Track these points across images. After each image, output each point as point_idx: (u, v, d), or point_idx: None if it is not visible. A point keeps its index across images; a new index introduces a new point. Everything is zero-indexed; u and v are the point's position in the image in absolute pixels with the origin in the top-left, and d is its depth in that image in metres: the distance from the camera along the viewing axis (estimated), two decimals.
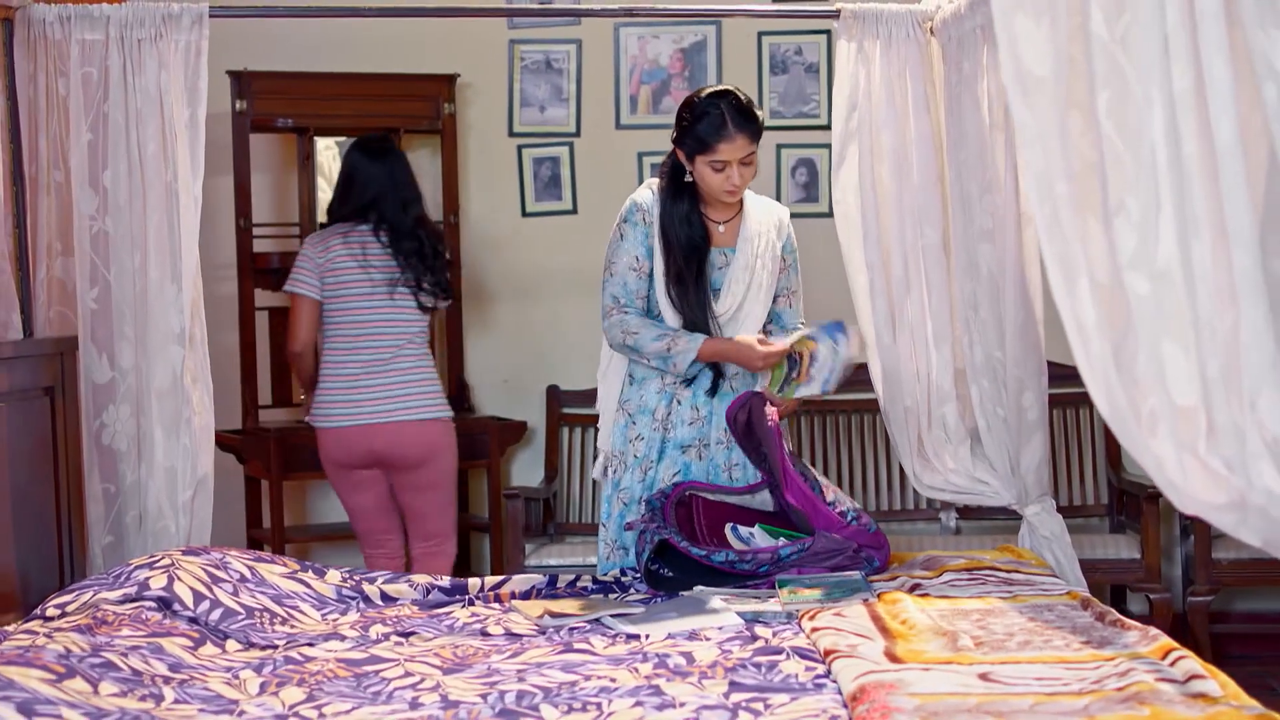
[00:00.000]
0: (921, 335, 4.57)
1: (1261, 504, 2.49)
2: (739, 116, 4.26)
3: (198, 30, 4.44)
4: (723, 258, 4.45)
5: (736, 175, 4.30)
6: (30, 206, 4.46)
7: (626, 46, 6.65)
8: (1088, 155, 2.64)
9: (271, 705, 3.14)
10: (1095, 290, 2.65)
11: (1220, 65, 2.46)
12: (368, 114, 6.38)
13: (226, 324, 6.38)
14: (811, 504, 4.22)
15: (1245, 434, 2.50)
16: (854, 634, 3.50)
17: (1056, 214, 2.65)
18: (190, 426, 4.51)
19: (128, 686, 3.15)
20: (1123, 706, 2.76)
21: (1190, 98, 2.51)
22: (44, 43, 4.42)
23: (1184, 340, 2.57)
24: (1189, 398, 2.58)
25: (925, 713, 2.78)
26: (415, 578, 4.35)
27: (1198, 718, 2.68)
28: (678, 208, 4.41)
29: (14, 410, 4.08)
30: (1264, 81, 2.41)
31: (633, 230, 4.42)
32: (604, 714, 3.02)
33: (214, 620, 3.81)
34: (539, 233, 6.71)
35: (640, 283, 4.42)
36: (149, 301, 4.46)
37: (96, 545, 4.52)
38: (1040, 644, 3.35)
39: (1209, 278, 2.54)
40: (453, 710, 3.06)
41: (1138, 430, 2.65)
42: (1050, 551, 4.43)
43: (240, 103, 6.17)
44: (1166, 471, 2.62)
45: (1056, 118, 2.64)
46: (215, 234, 6.42)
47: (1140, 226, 2.57)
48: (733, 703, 3.04)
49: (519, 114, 6.68)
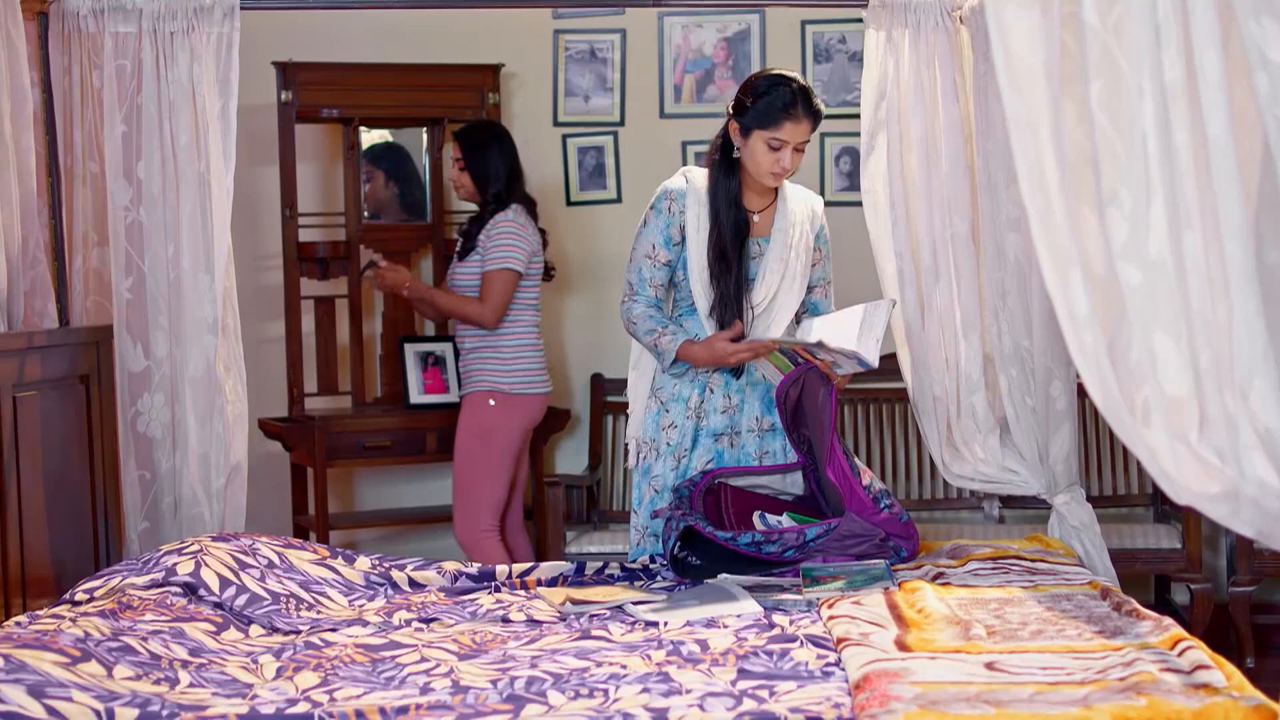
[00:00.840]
0: (950, 324, 4.56)
1: (1254, 495, 2.48)
2: (807, 100, 4.29)
3: (229, 23, 4.49)
4: (756, 247, 4.46)
5: (788, 158, 4.31)
6: (66, 198, 4.53)
7: (670, 36, 6.65)
8: (1081, 145, 2.63)
9: (285, 689, 3.19)
10: (1087, 281, 2.65)
11: (1212, 55, 2.45)
12: (412, 104, 6.43)
13: (273, 312, 6.45)
14: (849, 485, 4.23)
15: (1237, 425, 2.49)
16: (868, 622, 3.51)
17: (1049, 204, 2.64)
18: (223, 414, 4.58)
19: (144, 670, 3.21)
20: (1121, 696, 2.76)
21: (1182, 88, 2.50)
22: (78, 36, 4.49)
23: (1175, 331, 2.56)
24: (1181, 388, 2.58)
25: (924, 701, 2.79)
26: (445, 565, 4.39)
27: (1194, 708, 2.68)
28: (729, 184, 4.41)
29: (47, 398, 4.14)
30: (1256, 71, 2.40)
31: (656, 218, 4.44)
32: (609, 700, 3.05)
33: (239, 605, 3.86)
34: (584, 222, 6.74)
35: (655, 271, 4.44)
36: (182, 291, 4.52)
37: (133, 531, 4.59)
38: (1053, 634, 3.35)
39: (1201, 268, 2.53)
40: (461, 695, 3.10)
41: (1131, 421, 2.65)
42: (1079, 541, 4.42)
43: (286, 93, 6.22)
44: (1160, 462, 2.62)
45: (1048, 107, 2.64)
46: (261, 223, 6.51)
47: (1132, 217, 2.56)
48: (739, 690, 3.07)
49: (563, 103, 6.70)
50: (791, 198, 4.52)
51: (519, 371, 5.69)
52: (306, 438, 6.10)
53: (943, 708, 2.74)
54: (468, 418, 5.71)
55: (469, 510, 5.73)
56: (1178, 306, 2.55)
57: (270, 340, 6.49)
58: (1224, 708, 2.66)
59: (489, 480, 5.67)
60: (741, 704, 2.96)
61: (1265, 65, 2.39)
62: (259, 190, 6.51)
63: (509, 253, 5.62)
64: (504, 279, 5.63)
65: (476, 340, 5.73)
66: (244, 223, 6.51)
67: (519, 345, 5.72)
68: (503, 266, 5.63)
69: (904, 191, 4.56)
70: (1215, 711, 2.65)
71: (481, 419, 5.67)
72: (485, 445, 5.67)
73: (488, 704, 3.03)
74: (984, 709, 2.73)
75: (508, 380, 5.67)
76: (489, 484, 5.67)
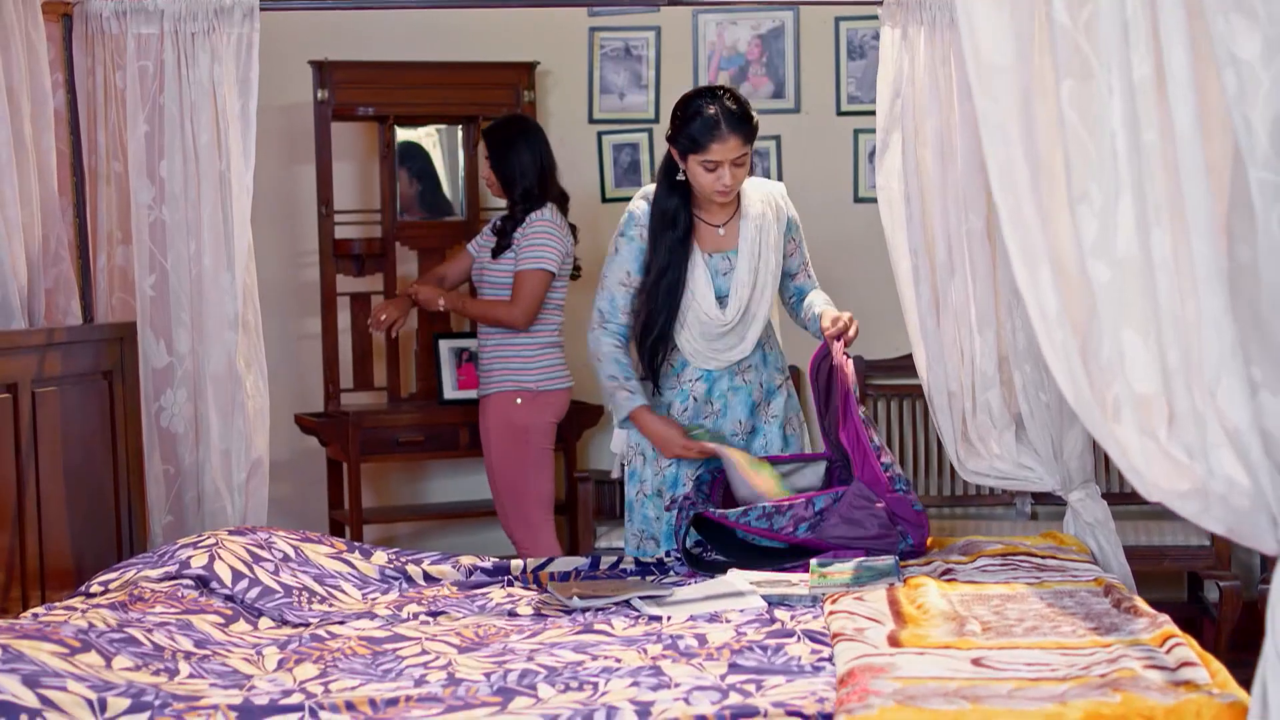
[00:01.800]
0: (965, 321, 4.56)
1: (1222, 492, 2.48)
2: (732, 117, 4.30)
3: (249, 23, 4.56)
4: (726, 263, 4.50)
5: (728, 175, 4.34)
6: (90, 197, 4.61)
7: (705, 33, 6.68)
8: (1052, 143, 2.64)
9: (282, 681, 3.24)
10: (1057, 278, 2.65)
11: (1180, 53, 2.45)
12: (447, 102, 6.48)
13: (309, 309, 6.53)
14: (862, 450, 4.25)
15: (1206, 422, 2.49)
16: (866, 618, 3.53)
17: (1019, 203, 2.65)
18: (244, 410, 4.64)
19: (144, 661, 3.26)
20: (1097, 693, 2.76)
21: (1150, 85, 2.50)
22: (101, 37, 4.56)
23: (1144, 328, 2.56)
24: (1149, 386, 2.58)
25: (902, 696, 2.81)
26: (463, 559, 4.43)
27: (1168, 704, 2.68)
28: (669, 202, 4.47)
29: (69, 394, 4.22)
30: (1224, 69, 2.39)
31: (628, 245, 4.51)
32: (598, 693, 3.08)
33: (251, 598, 3.91)
34: (618, 218, 6.71)
35: (629, 297, 4.51)
36: (204, 288, 4.59)
37: (157, 525, 4.66)
38: (1047, 630, 3.36)
39: (1170, 266, 2.53)
40: (453, 688, 3.14)
41: (1102, 418, 2.65)
42: (1093, 537, 4.41)
43: (322, 92, 6.28)
44: (1130, 458, 2.62)
45: (1017, 106, 2.64)
46: (300, 221, 6.58)
47: (1102, 215, 2.56)
48: (727, 684, 3.09)
49: (599, 101, 6.74)
50: (752, 200, 4.54)
51: (543, 369, 5.68)
52: (341, 433, 6.16)
53: (920, 703, 2.76)
54: (497, 418, 5.68)
55: (518, 509, 5.70)
56: (1146, 304, 2.55)
57: (309, 336, 6.56)
58: (1197, 704, 2.66)
59: (533, 477, 5.66)
60: (727, 698, 2.98)
61: (1234, 63, 2.38)
62: (298, 188, 6.59)
63: (544, 253, 5.60)
64: (538, 279, 5.60)
65: (500, 338, 5.68)
66: (283, 220, 6.62)
67: (543, 345, 5.69)
68: (537, 267, 5.59)
69: (919, 188, 4.55)
70: (1188, 708, 2.65)
71: (511, 418, 5.64)
72: (520, 444, 5.65)
73: (477, 696, 3.07)
74: (960, 704, 2.74)
75: (533, 378, 5.65)
76: (533, 481, 5.66)
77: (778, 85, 6.66)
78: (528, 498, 5.66)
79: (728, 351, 4.54)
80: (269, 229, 6.62)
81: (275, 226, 6.63)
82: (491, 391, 5.69)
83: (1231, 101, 2.39)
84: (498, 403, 5.67)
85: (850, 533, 4.22)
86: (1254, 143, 2.36)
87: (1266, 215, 2.36)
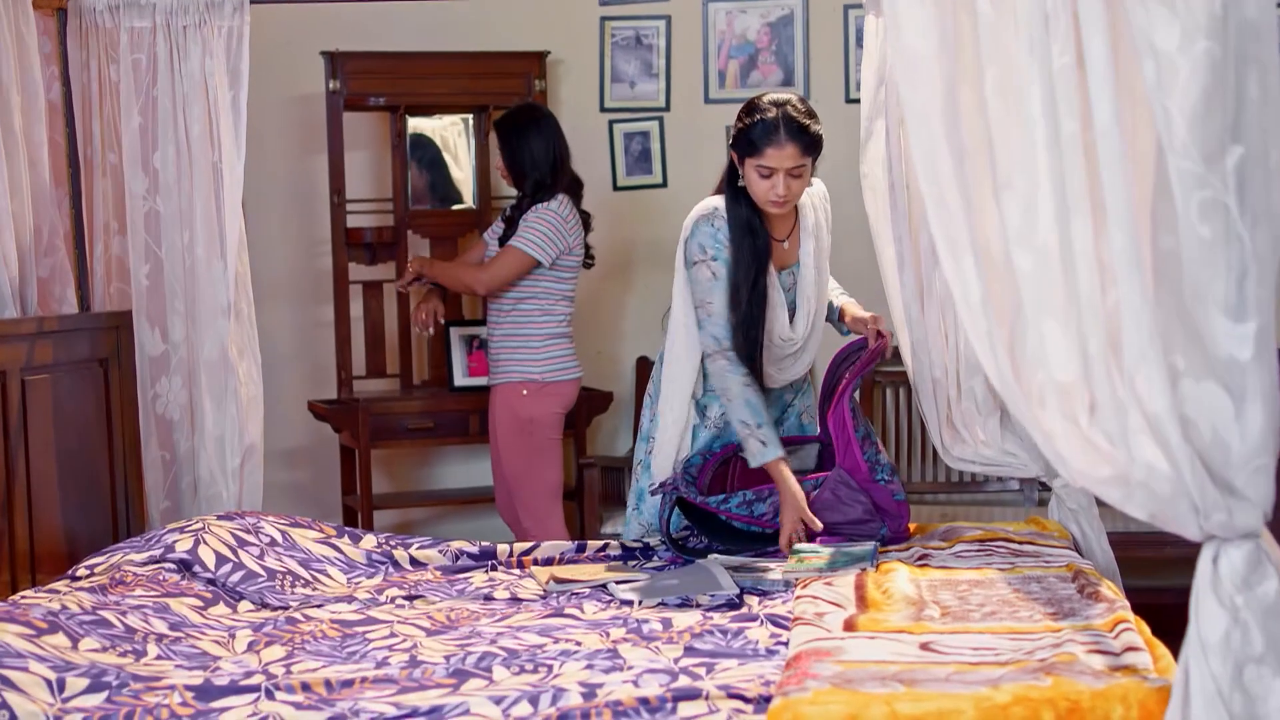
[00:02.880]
0: (950, 307, 4.56)
1: (1143, 478, 2.50)
2: (793, 125, 4.20)
3: (239, 16, 4.64)
4: (790, 277, 4.45)
5: (782, 185, 4.22)
6: (86, 187, 4.70)
7: (715, 21, 6.71)
8: (978, 133, 2.66)
9: (247, 662, 3.31)
10: (980, 267, 2.67)
11: (1098, 42, 2.46)
12: (459, 92, 6.52)
13: (322, 297, 6.60)
14: (846, 437, 4.27)
15: (1126, 409, 2.51)
16: (829, 602, 3.56)
17: (942, 191, 2.67)
18: (237, 397, 4.73)
19: (112, 642, 3.34)
20: (1030, 677, 2.79)
21: (1071, 75, 2.52)
22: (95, 31, 4.66)
23: (1063, 317, 2.58)
24: (1069, 373, 2.60)
25: (840, 679, 2.84)
26: (452, 543, 4.48)
27: (1096, 688, 2.71)
28: (741, 210, 4.34)
29: (61, 381, 4.31)
30: (1144, 59, 2.41)
31: (724, 268, 4.33)
32: (551, 674, 3.14)
33: (233, 582, 3.98)
34: (630, 206, 6.81)
35: None
36: (197, 277, 4.68)
37: (155, 510, 4.75)
38: (1005, 615, 3.38)
39: (1090, 255, 2.54)
40: (410, 670, 3.20)
41: (1026, 405, 2.67)
42: (1076, 523, 4.41)
43: (334, 82, 6.34)
44: (1056, 445, 2.64)
45: (941, 98, 2.66)
46: (312, 210, 6.66)
47: (1025, 203, 2.58)
48: (679, 667, 3.14)
49: (610, 90, 6.78)
50: (806, 209, 4.48)
51: (550, 360, 5.65)
52: (351, 419, 6.23)
53: (855, 686, 2.79)
54: (504, 409, 5.67)
55: (525, 498, 5.69)
56: (1067, 292, 2.57)
57: (324, 324, 6.64)
58: (1124, 688, 2.69)
59: (539, 467, 5.67)
60: (676, 680, 3.03)
61: (1153, 53, 2.40)
62: (309, 177, 6.66)
63: (535, 238, 5.56)
64: (516, 258, 5.55)
65: (509, 328, 5.66)
66: (299, 209, 6.70)
67: (550, 336, 5.67)
68: (523, 248, 5.55)
69: (903, 175, 4.57)
70: (1114, 692, 2.68)
71: (517, 409, 5.63)
72: (526, 435, 5.64)
73: (432, 678, 3.13)
74: (894, 687, 2.77)
75: (539, 369, 5.62)
76: (539, 471, 5.67)
77: (787, 73, 6.68)
78: (534, 487, 5.67)
79: (791, 369, 4.52)
80: (283, 218, 6.73)
81: (290, 216, 6.72)
82: (499, 382, 5.69)
83: (1151, 91, 2.41)
84: (505, 393, 5.67)
85: (832, 518, 4.25)
86: (1172, 132, 2.38)
87: (1186, 204, 2.38)
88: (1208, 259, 2.38)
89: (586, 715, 2.83)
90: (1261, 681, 2.47)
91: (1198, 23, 2.36)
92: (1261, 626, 2.47)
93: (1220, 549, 2.51)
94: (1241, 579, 2.49)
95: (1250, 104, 2.38)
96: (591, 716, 2.83)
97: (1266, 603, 2.48)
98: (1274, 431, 2.44)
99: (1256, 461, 2.45)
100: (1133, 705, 2.65)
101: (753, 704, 2.87)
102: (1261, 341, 2.41)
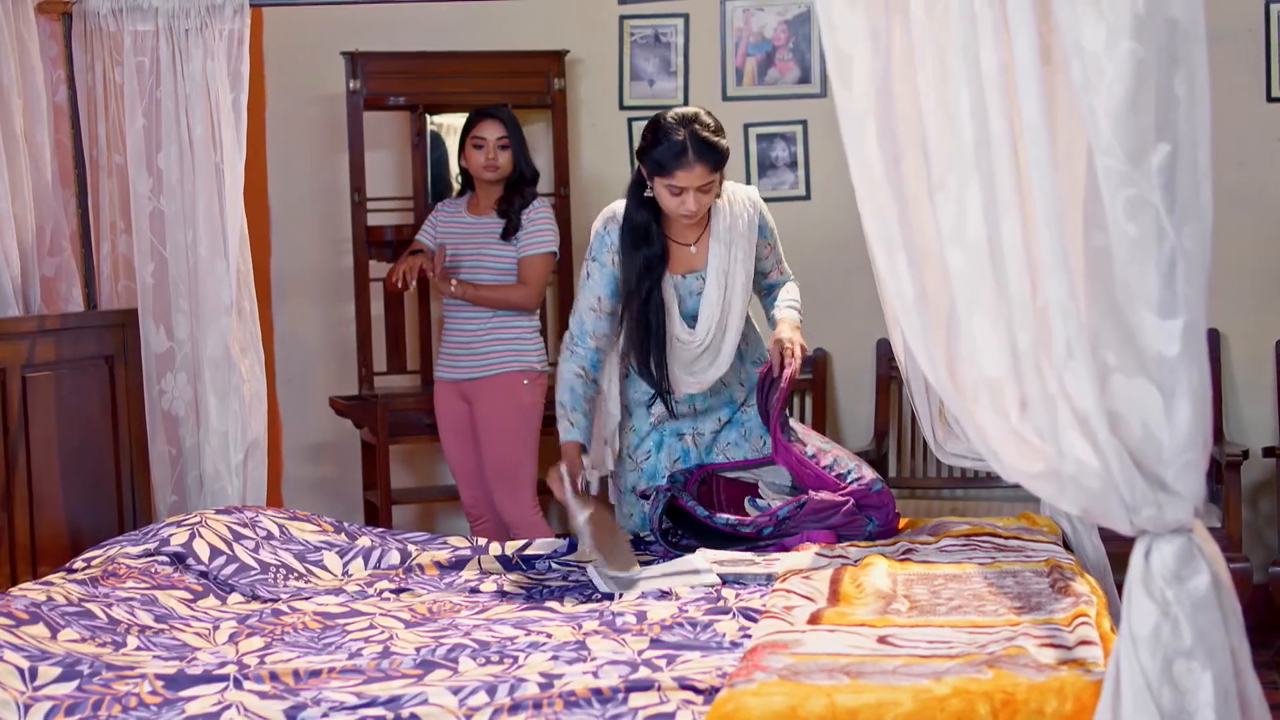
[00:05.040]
0: None
1: (1074, 473, 2.53)
2: (700, 145, 4.23)
3: (239, 19, 4.71)
4: (699, 282, 4.48)
5: (693, 201, 4.28)
6: (92, 187, 4.80)
7: (732, 20, 6.74)
8: (910, 133, 2.70)
9: (225, 654, 3.38)
10: (914, 265, 2.70)
11: (1024, 42, 2.49)
12: (478, 91, 6.56)
13: (344, 295, 6.69)
14: (804, 467, 4.31)
15: (1056, 405, 2.54)
16: (801, 596, 3.59)
17: (874, 191, 2.71)
18: (240, 393, 4.81)
19: (91, 634, 3.42)
20: (972, 669, 2.82)
21: (999, 75, 2.55)
22: (100, 34, 4.75)
23: (993, 314, 2.61)
24: (999, 369, 2.63)
25: (788, 672, 2.88)
26: (450, 539, 4.52)
27: (1035, 681, 2.74)
28: (639, 216, 4.42)
29: (65, 378, 4.39)
30: (1071, 59, 2.45)
31: (600, 270, 4.45)
32: (516, 665, 3.19)
33: (226, 575, 4.06)
34: None
35: (598, 322, 4.45)
36: (200, 276, 4.77)
37: (162, 505, 4.85)
38: (970, 609, 3.40)
39: (1019, 252, 2.57)
40: (378, 661, 3.26)
41: (960, 400, 2.70)
42: (1067, 519, 4.41)
43: (354, 82, 6.42)
44: (988, 441, 2.67)
45: (873, 99, 2.69)
46: (333, 208, 6.74)
47: (957, 202, 2.62)
48: (641, 659, 3.18)
49: (629, 87, 6.83)
50: (724, 213, 4.48)
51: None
52: (371, 415, 6.31)
53: (801, 678, 2.83)
54: (505, 398, 5.62)
55: (514, 491, 5.66)
56: (997, 290, 2.60)
57: (346, 321, 6.72)
58: (1061, 681, 2.71)
59: (528, 458, 5.67)
60: (636, 672, 3.07)
61: (1079, 53, 2.43)
62: (336, 177, 6.74)
63: (550, 236, 5.60)
64: (546, 263, 5.62)
65: (502, 319, 5.60)
66: (322, 208, 6.79)
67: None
68: (548, 250, 5.60)
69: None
70: (1051, 685, 2.70)
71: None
72: (526, 424, 5.65)
73: (399, 669, 3.19)
74: (839, 679, 2.81)
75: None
76: (528, 462, 5.68)
77: (804, 70, 6.71)
78: (523, 479, 5.66)
79: (704, 373, 4.53)
80: (307, 217, 6.82)
81: (312, 215, 6.81)
82: (495, 373, 5.62)
83: (1078, 90, 2.44)
84: (504, 383, 5.62)
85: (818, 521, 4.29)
86: (1098, 131, 2.41)
87: (1113, 201, 2.42)
88: (1136, 256, 2.41)
89: (539, 705, 2.88)
90: (1191, 675, 2.50)
91: (1122, 23, 2.40)
92: (1191, 620, 2.49)
93: (1152, 543, 2.53)
94: (1172, 573, 2.51)
95: (1178, 103, 2.41)
96: (544, 706, 2.88)
97: (1196, 596, 2.50)
98: (1203, 427, 2.47)
99: (1186, 456, 2.48)
100: (1068, 698, 2.68)
101: (703, 695, 2.91)
102: (1190, 337, 2.44)
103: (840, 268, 6.46)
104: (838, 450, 4.40)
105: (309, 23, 6.57)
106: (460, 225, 5.76)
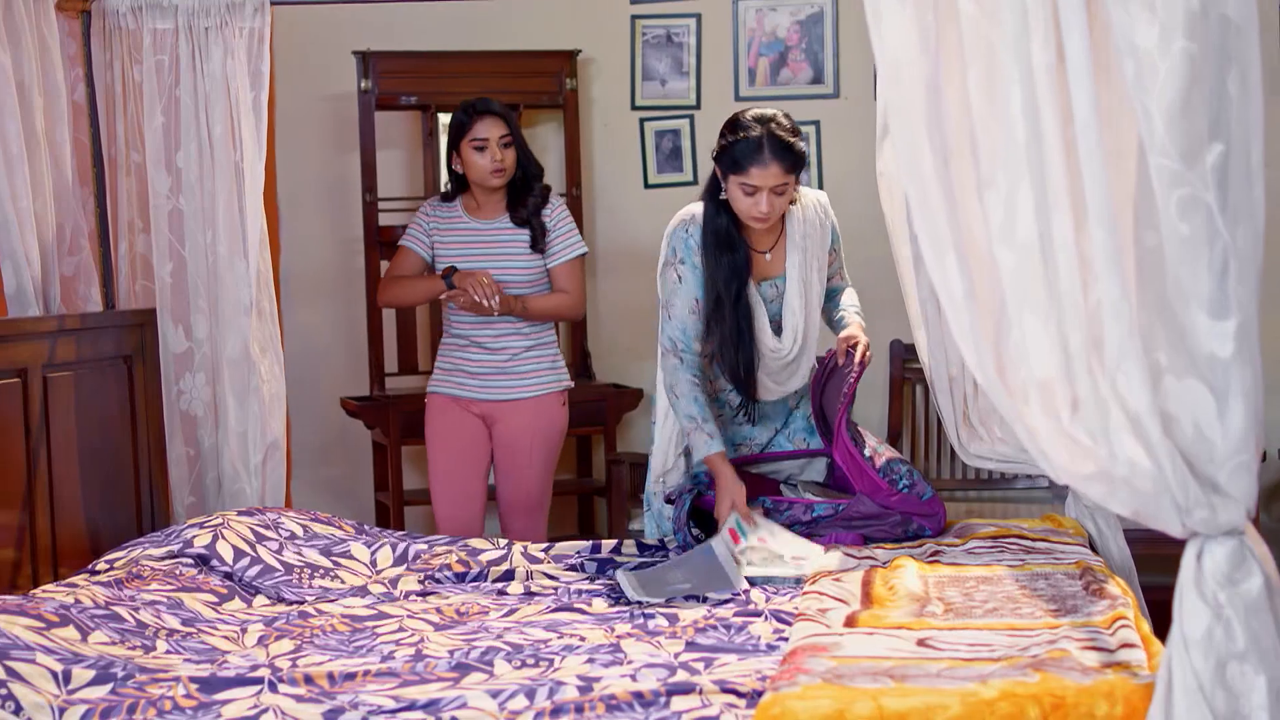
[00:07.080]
0: None
1: (1126, 475, 2.51)
2: (776, 143, 4.18)
3: (260, 18, 4.69)
4: (774, 289, 4.44)
5: (765, 203, 4.22)
6: (111, 186, 4.77)
7: (745, 19, 6.72)
8: (961, 130, 2.68)
9: (256, 656, 3.35)
10: (963, 265, 2.68)
11: (1077, 40, 2.48)
12: (490, 90, 6.48)
13: (356, 295, 6.65)
14: (857, 466, 4.28)
15: (1108, 406, 2.52)
16: (834, 598, 3.57)
17: (925, 189, 2.69)
18: (259, 394, 4.78)
19: (122, 636, 3.39)
20: (1017, 673, 2.80)
21: (1051, 73, 2.53)
22: (119, 33, 4.73)
23: (1044, 313, 2.59)
24: (1050, 370, 2.61)
25: (831, 675, 2.86)
26: (471, 541, 4.49)
27: (1083, 684, 2.72)
28: (720, 222, 4.35)
29: (84, 378, 4.37)
30: (1124, 57, 2.43)
31: (692, 272, 4.36)
32: (552, 669, 3.17)
33: (250, 576, 4.03)
34: (661, 203, 6.79)
35: (698, 324, 4.37)
36: (219, 275, 4.75)
37: (180, 505, 4.82)
38: (1007, 611, 3.39)
39: (1071, 251, 2.56)
40: (413, 663, 3.23)
41: (1010, 401, 2.68)
42: (1092, 520, 4.40)
43: (366, 82, 6.40)
44: (1039, 442, 2.65)
45: (923, 96, 2.67)
46: (345, 208, 6.71)
47: (1007, 200, 2.60)
48: (679, 661, 3.17)
49: (640, 88, 6.80)
50: (799, 219, 4.45)
51: (565, 367, 5.30)
52: (382, 416, 6.28)
53: (845, 681, 2.81)
54: (547, 421, 5.23)
55: (538, 516, 5.33)
56: (1048, 289, 2.58)
57: (358, 321, 6.68)
58: (1110, 685, 2.70)
59: (552, 479, 5.36)
60: (674, 675, 3.05)
61: (1132, 51, 2.41)
62: (347, 176, 6.71)
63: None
64: (582, 266, 5.28)
65: (539, 335, 5.20)
66: (332, 208, 6.77)
67: (557, 343, 5.32)
68: (583, 252, 5.23)
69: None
70: (1100, 688, 2.69)
71: (559, 422, 5.25)
72: (557, 447, 5.30)
73: (434, 672, 3.17)
74: (884, 682, 2.79)
75: (567, 376, 5.29)
76: (551, 482, 5.35)
77: (817, 71, 6.69)
78: (546, 503, 5.34)
79: (788, 381, 4.50)
80: (317, 217, 6.79)
81: (323, 214, 6.79)
82: (537, 393, 5.18)
83: (1131, 89, 2.43)
84: (546, 405, 5.20)
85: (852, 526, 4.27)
86: (1152, 130, 2.40)
87: (1166, 201, 2.40)
88: (1189, 256, 2.40)
89: (580, 709, 2.86)
90: (1244, 678, 2.48)
91: (1176, 22, 2.38)
92: (1244, 623, 2.48)
93: (1204, 546, 2.52)
94: (1225, 575, 2.50)
95: (1231, 102, 2.39)
96: (585, 710, 2.86)
97: (1249, 599, 2.49)
98: (1256, 428, 2.46)
99: (1239, 458, 2.46)
100: (1118, 701, 2.66)
101: (745, 698, 2.89)
102: (1243, 338, 2.43)
103: (854, 268, 6.41)
104: (891, 452, 4.38)
105: (320, 22, 6.53)
106: (468, 232, 5.20)
